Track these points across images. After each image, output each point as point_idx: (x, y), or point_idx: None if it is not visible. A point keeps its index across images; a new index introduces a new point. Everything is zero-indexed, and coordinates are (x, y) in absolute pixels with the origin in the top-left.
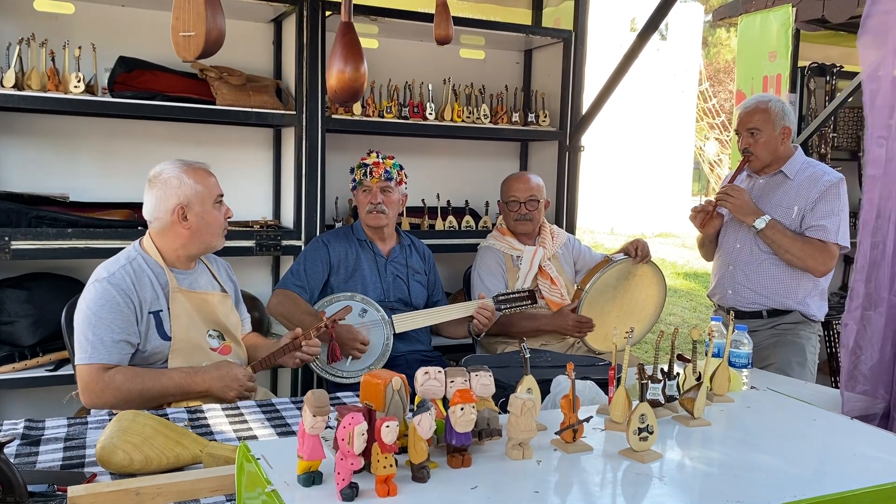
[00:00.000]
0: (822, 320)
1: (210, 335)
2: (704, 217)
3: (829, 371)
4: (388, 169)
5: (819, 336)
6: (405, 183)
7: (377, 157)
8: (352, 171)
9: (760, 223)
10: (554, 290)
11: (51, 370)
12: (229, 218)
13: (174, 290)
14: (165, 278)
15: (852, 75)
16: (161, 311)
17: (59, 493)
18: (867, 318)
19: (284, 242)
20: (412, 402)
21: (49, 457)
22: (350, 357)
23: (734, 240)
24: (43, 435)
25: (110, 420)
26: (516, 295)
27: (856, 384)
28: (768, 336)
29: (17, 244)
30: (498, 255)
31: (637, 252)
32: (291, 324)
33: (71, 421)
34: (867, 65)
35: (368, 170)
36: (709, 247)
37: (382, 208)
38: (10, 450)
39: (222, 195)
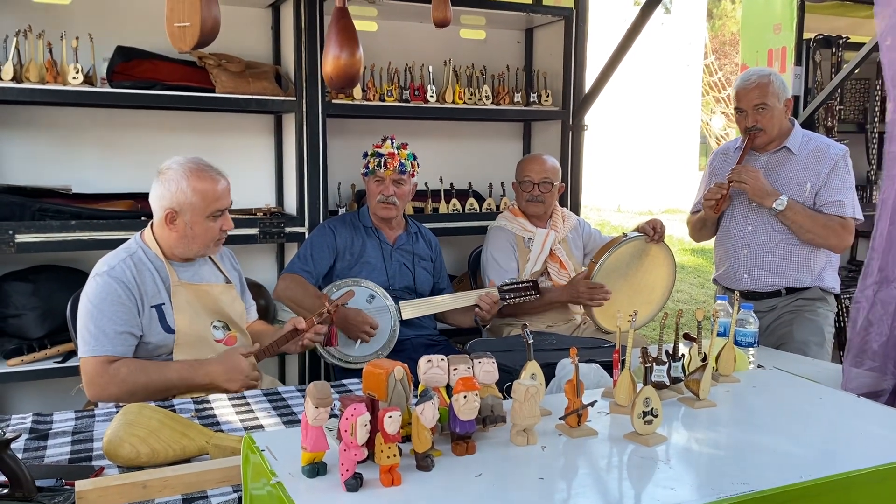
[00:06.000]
0: (839, 292)
1: (214, 326)
2: (719, 201)
3: (838, 345)
4: (403, 161)
5: (834, 313)
6: (417, 174)
7: (392, 146)
8: (365, 155)
9: (780, 205)
10: (562, 274)
11: (59, 362)
12: (227, 230)
13: (175, 283)
14: (166, 272)
15: (859, 46)
16: (163, 304)
17: (68, 487)
18: (879, 296)
19: (288, 229)
20: (416, 389)
21: (57, 450)
22: (359, 341)
23: (744, 222)
24: (51, 429)
25: (117, 413)
26: (522, 285)
27: (864, 361)
28: (787, 313)
29: (22, 237)
30: (509, 235)
31: (654, 231)
32: (300, 307)
33: (79, 414)
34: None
35: (383, 160)
36: (710, 228)
37: (394, 200)
38: (18, 444)
39: (223, 209)
